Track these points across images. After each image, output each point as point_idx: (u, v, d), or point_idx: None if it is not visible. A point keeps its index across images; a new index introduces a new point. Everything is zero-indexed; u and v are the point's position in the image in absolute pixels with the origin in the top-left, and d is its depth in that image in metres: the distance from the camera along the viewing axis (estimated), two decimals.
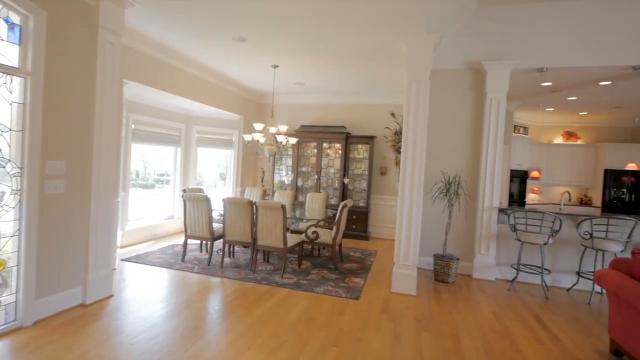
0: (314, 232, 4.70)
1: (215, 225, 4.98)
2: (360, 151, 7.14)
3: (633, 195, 7.47)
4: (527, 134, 8.44)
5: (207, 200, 4.66)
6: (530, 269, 4.59)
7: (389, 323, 3.26)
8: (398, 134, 6.55)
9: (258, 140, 5.40)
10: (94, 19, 3.20)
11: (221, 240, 4.89)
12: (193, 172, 7.07)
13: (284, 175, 7.67)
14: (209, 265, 4.69)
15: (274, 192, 7.12)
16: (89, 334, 2.78)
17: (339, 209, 4.83)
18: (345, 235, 6.83)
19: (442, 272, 4.53)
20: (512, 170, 7.41)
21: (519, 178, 7.70)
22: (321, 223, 4.80)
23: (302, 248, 4.91)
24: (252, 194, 6.34)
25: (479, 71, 4.93)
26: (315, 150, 7.25)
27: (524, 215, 4.51)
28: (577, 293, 4.42)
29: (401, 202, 4.08)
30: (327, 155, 7.30)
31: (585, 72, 4.83)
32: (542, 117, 8.29)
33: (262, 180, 7.80)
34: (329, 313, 3.40)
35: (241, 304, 3.50)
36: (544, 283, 4.35)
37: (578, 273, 4.40)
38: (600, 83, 5.32)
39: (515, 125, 7.83)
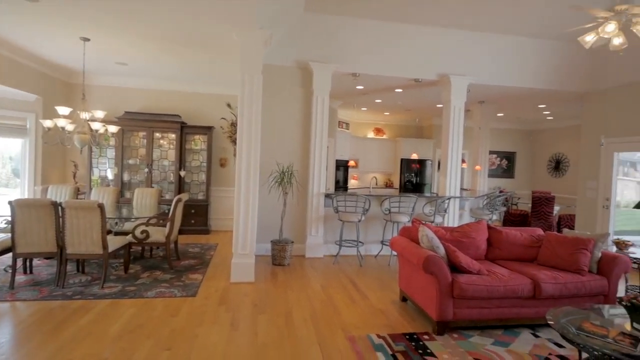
0: (144, 231, 4.25)
1: (0, 235, 3.87)
2: (198, 142, 6.82)
3: (418, 178, 9.83)
4: (348, 129, 9.86)
5: None
6: (350, 243, 5.47)
7: (226, 313, 3.30)
8: (234, 125, 6.56)
9: (64, 128, 4.45)
10: None
11: (10, 255, 3.81)
12: None
13: (106, 169, 6.57)
14: None
15: (91, 190, 6.01)
16: None
17: (173, 203, 4.52)
18: (183, 232, 6.43)
19: (278, 256, 4.87)
20: (337, 160, 8.56)
21: (343, 167, 8.97)
22: (152, 221, 4.38)
23: (129, 250, 4.37)
24: (60, 193, 5.20)
25: (307, 70, 5.43)
26: (145, 141, 6.50)
27: (344, 199, 5.31)
28: (382, 258, 5.53)
29: (238, 193, 4.15)
30: (160, 146, 6.65)
31: (385, 80, 5.99)
32: (359, 115, 9.86)
33: (74, 176, 6.47)
34: (161, 316, 3.17)
35: (42, 329, 2.86)
36: (359, 253, 5.27)
37: (382, 242, 5.52)
38: (396, 90, 6.71)
39: (339, 121, 9.03)
